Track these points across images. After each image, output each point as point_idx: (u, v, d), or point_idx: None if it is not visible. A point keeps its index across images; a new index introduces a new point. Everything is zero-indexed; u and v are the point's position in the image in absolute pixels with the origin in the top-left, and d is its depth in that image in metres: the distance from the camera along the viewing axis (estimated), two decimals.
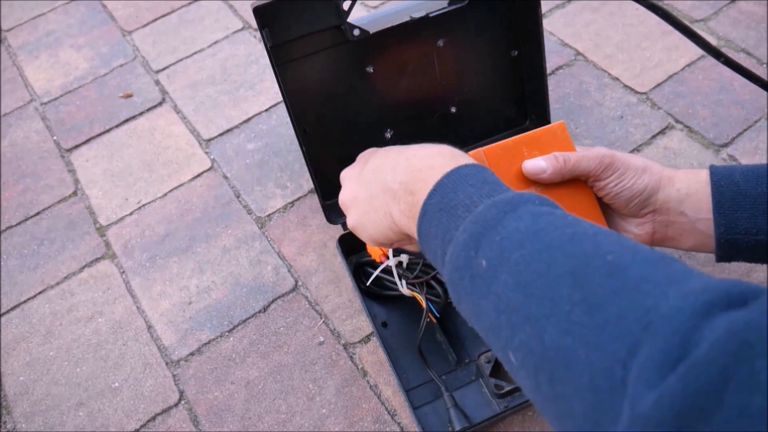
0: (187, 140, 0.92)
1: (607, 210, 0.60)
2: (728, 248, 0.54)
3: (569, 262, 0.34)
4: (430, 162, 0.47)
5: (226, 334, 0.73)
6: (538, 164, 0.55)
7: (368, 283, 0.68)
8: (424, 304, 0.63)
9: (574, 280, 0.34)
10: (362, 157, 0.58)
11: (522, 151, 0.56)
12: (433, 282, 0.64)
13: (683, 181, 0.55)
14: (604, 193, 0.57)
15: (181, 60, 1.02)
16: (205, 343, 0.73)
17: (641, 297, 0.31)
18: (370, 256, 0.68)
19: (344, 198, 0.56)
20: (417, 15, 0.66)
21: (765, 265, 0.69)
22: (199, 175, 0.88)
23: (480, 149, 0.55)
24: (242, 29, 1.05)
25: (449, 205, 0.43)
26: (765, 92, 0.83)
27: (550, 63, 0.91)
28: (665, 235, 0.57)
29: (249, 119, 0.93)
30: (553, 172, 0.55)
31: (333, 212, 0.74)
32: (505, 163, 0.55)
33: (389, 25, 0.66)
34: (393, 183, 0.49)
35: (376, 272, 0.66)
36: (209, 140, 0.91)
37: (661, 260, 0.33)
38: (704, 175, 0.55)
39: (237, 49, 1.02)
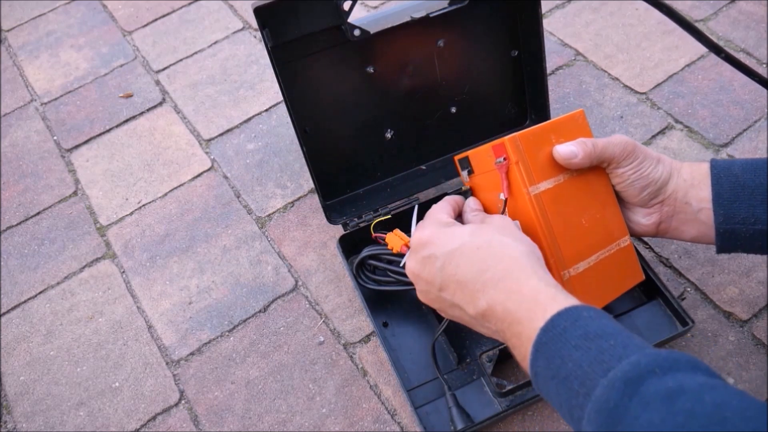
0: (187, 140, 0.92)
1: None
2: (728, 238, 0.55)
3: None
4: (516, 300, 0.47)
5: (227, 333, 0.73)
6: (569, 149, 0.57)
7: (380, 269, 0.67)
8: None
9: None
10: (420, 249, 0.56)
11: (550, 137, 0.59)
12: None
13: (688, 172, 0.58)
14: (620, 181, 0.59)
15: (181, 60, 1.02)
16: (206, 343, 0.73)
17: None
18: (381, 244, 0.67)
19: (425, 301, 0.57)
20: (417, 15, 0.66)
21: (765, 266, 0.70)
22: (199, 175, 0.88)
23: (515, 134, 0.57)
24: (242, 29, 1.05)
25: (560, 375, 0.42)
26: (765, 93, 0.83)
27: (550, 63, 0.91)
28: (669, 225, 0.59)
29: (249, 119, 0.93)
30: (584, 156, 0.57)
31: (333, 212, 0.74)
32: (537, 148, 0.58)
33: (389, 25, 0.66)
34: (485, 328, 0.51)
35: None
36: (209, 140, 0.91)
37: None
38: (705, 167, 0.57)
39: (237, 49, 1.02)
